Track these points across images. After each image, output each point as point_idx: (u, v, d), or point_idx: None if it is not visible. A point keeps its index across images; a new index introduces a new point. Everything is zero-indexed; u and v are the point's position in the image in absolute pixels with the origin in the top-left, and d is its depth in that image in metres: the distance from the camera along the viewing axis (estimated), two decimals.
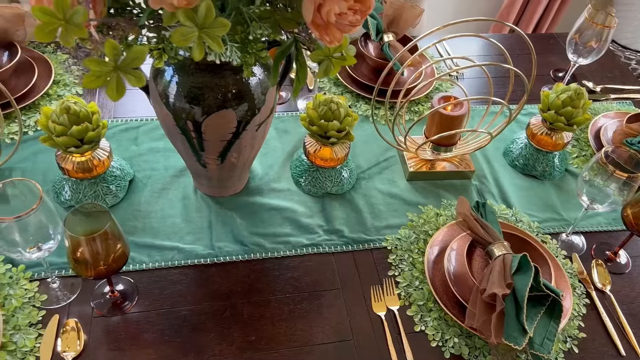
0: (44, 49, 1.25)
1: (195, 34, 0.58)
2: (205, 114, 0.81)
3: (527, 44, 0.93)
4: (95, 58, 0.53)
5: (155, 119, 1.15)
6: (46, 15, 0.49)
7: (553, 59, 1.49)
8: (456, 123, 1.02)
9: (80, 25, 0.50)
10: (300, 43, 0.72)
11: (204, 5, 0.57)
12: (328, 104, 0.95)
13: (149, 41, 0.68)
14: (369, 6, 0.66)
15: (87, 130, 0.87)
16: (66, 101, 0.86)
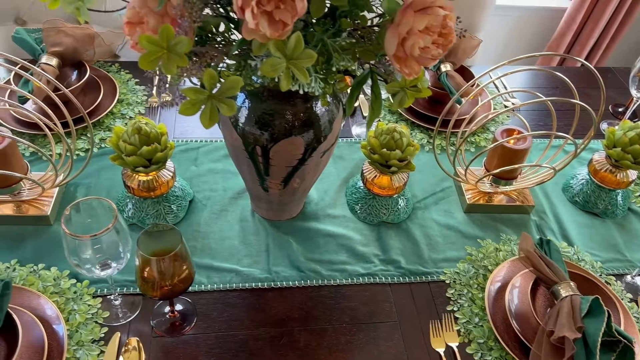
0: (109, 69, 1.29)
1: (283, 64, 0.59)
2: (274, 140, 0.81)
3: (597, 79, 0.91)
4: (193, 87, 0.54)
5: (214, 140, 1.17)
6: (151, 44, 0.51)
7: (611, 94, 1.46)
8: (519, 157, 1.00)
9: (181, 55, 0.51)
10: (375, 74, 0.72)
11: (294, 37, 0.58)
12: (391, 132, 0.95)
13: (228, 68, 0.70)
14: (450, 40, 0.66)
15: (156, 151, 0.89)
16: (138, 122, 0.88)
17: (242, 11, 0.54)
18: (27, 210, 0.96)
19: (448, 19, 0.63)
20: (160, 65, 0.52)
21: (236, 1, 0.54)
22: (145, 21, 0.60)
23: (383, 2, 0.66)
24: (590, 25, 2.14)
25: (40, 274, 0.88)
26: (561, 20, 2.17)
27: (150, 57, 0.51)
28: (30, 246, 0.92)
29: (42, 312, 0.81)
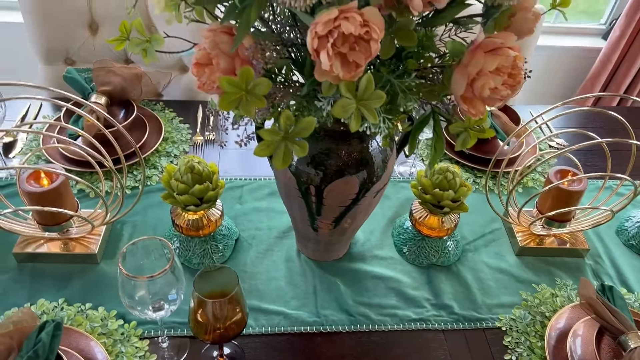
0: (154, 107, 1.31)
1: (354, 105, 0.58)
2: (329, 179, 0.80)
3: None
4: (269, 128, 0.53)
5: (258, 178, 1.16)
6: (231, 86, 0.50)
7: None
8: (575, 198, 0.97)
9: (260, 97, 0.51)
10: (438, 114, 0.71)
11: (365, 78, 0.57)
12: (444, 172, 0.93)
13: (288, 108, 0.69)
14: (519, 81, 0.64)
15: (207, 190, 0.88)
16: (191, 160, 0.88)
17: (317, 53, 0.54)
18: (74, 248, 0.95)
19: (517, 59, 0.62)
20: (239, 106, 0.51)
21: (311, 43, 0.53)
22: (216, 62, 0.60)
23: (448, 44, 0.65)
24: (626, 64, 2.12)
25: (88, 313, 0.86)
26: (596, 60, 2.16)
27: (230, 99, 0.51)
28: (77, 285, 0.91)
29: (91, 354, 0.79)
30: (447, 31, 0.74)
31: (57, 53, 1.37)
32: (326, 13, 0.52)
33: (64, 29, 1.34)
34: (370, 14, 0.53)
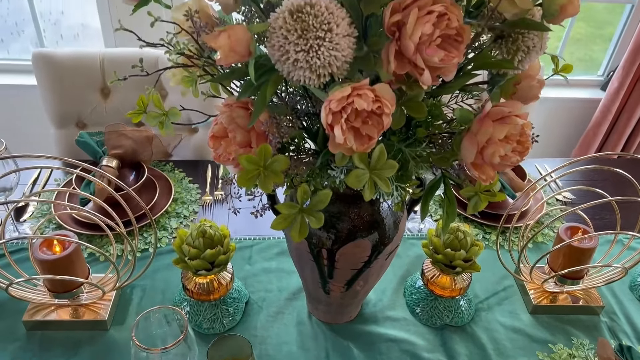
0: (163, 168, 1.33)
1: (367, 175, 0.59)
2: (341, 242, 0.80)
3: None
4: (287, 203, 0.54)
5: (267, 237, 1.16)
6: (250, 163, 0.52)
7: None
8: (587, 256, 0.97)
9: (278, 173, 0.52)
10: (448, 179, 0.72)
11: (378, 149, 0.58)
12: (455, 232, 0.93)
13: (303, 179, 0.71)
14: (527, 147, 0.66)
15: (219, 254, 0.88)
16: (202, 225, 0.89)
17: (331, 127, 0.56)
18: (84, 314, 0.95)
19: (525, 127, 0.64)
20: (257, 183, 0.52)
21: (325, 118, 0.55)
22: (232, 136, 0.61)
23: (456, 111, 0.67)
24: (626, 115, 2.16)
25: None
26: (596, 110, 2.20)
27: (248, 175, 0.52)
28: (87, 352, 0.90)
29: None
30: (454, 98, 0.76)
31: (70, 117, 1.41)
32: (339, 90, 0.54)
33: (77, 94, 1.38)
34: (382, 90, 0.55)
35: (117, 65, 1.36)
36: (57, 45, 2.18)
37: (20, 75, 2.00)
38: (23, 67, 2.01)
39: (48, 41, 2.08)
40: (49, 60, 1.32)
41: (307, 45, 0.53)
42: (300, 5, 0.53)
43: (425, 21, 0.54)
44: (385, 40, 0.57)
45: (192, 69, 0.63)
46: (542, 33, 0.64)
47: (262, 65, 0.58)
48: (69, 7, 2.08)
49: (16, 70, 2.01)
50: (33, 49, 1.85)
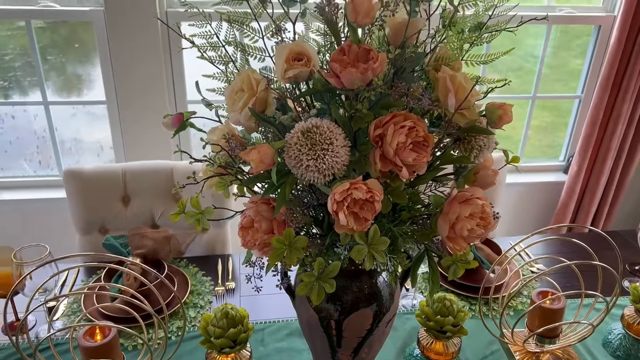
0: (179, 264, 1.48)
1: (366, 249, 0.76)
2: (346, 313, 0.95)
3: (610, 242, 1.08)
4: (308, 272, 0.70)
5: (277, 321, 1.29)
6: (279, 242, 0.69)
7: (624, 254, 1.61)
8: (558, 315, 1.12)
9: (299, 249, 0.69)
10: (430, 252, 0.89)
11: (373, 228, 0.76)
12: (442, 301, 1.08)
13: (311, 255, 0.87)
14: (489, 222, 0.84)
15: (240, 333, 1.01)
16: (225, 307, 1.03)
17: (336, 213, 0.73)
18: None
19: (485, 206, 0.82)
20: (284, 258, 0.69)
21: (331, 206, 0.73)
22: (258, 225, 0.79)
23: (431, 198, 0.86)
24: (589, 195, 2.39)
25: None
26: (562, 192, 2.43)
27: (277, 252, 0.69)
28: None
29: None
30: (428, 187, 0.95)
31: (94, 224, 1.57)
32: (341, 185, 0.73)
33: (101, 203, 1.56)
34: (372, 184, 0.74)
35: (136, 176, 1.56)
36: (50, 159, 2.40)
37: (45, 190, 2.19)
38: (49, 183, 2.21)
39: (42, 156, 2.31)
40: (78, 175, 1.51)
41: (315, 155, 0.72)
42: (308, 127, 0.73)
43: (400, 133, 0.74)
44: (371, 148, 0.77)
45: (226, 177, 0.82)
46: (489, 135, 0.84)
47: (281, 171, 0.77)
48: (61, 125, 2.31)
49: (42, 185, 2.21)
50: (27, 166, 2.07)
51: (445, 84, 0.77)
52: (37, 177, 2.26)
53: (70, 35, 2.21)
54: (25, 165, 2.33)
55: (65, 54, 2.25)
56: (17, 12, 1.95)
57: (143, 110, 2.08)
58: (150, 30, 1.96)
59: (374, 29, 0.80)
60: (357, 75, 0.74)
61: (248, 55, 0.86)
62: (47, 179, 2.24)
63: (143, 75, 2.02)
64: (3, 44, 2.06)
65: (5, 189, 2.20)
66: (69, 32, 2.14)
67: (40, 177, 2.26)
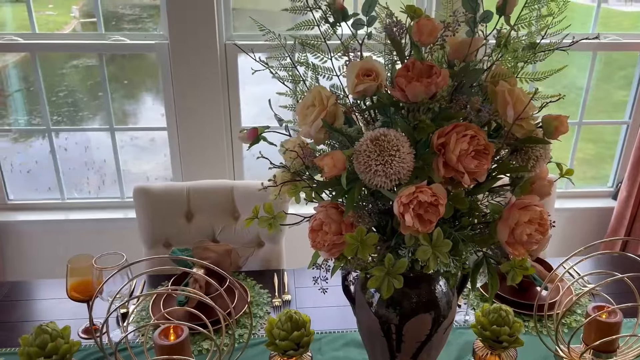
0: (237, 277, 1.55)
1: (430, 250, 0.81)
2: (406, 318, 0.99)
3: None
4: (378, 267, 0.76)
5: (332, 331, 1.34)
6: (352, 238, 0.75)
7: None
8: (614, 329, 1.12)
9: (370, 246, 0.75)
10: (489, 258, 0.93)
11: (436, 231, 0.81)
12: (498, 311, 1.11)
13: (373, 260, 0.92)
14: (547, 228, 0.88)
15: (303, 336, 1.07)
16: (289, 311, 1.09)
17: (402, 215, 0.79)
18: None
19: (543, 213, 0.87)
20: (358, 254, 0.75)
21: (398, 208, 0.79)
22: (328, 228, 0.85)
23: (489, 206, 0.90)
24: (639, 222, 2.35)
25: None
26: (612, 218, 2.40)
27: (351, 248, 0.75)
28: None
29: None
30: (485, 197, 1.00)
31: (159, 238, 1.67)
32: (407, 189, 0.79)
33: (166, 219, 1.66)
34: (436, 188, 0.80)
35: (199, 194, 1.67)
36: (99, 188, 2.56)
37: (114, 210, 2.34)
38: (117, 204, 2.36)
39: (90, 186, 2.48)
40: (147, 192, 1.62)
41: (383, 160, 0.79)
42: (377, 135, 0.80)
43: (462, 141, 0.80)
44: (433, 156, 0.83)
45: (298, 183, 0.89)
46: (546, 145, 0.89)
47: (349, 177, 0.83)
48: (110, 157, 2.49)
49: (112, 206, 2.35)
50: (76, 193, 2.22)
51: (504, 96, 0.83)
52: (100, 199, 2.41)
53: (118, 72, 2.38)
54: (74, 193, 2.50)
55: (114, 89, 2.44)
56: (91, 46, 2.13)
57: (200, 136, 2.20)
58: (210, 61, 2.09)
59: (435, 47, 0.87)
60: (421, 89, 0.81)
61: (318, 74, 0.95)
62: (109, 200, 2.39)
63: (202, 103, 2.15)
64: (58, 82, 2.24)
65: (73, 210, 2.35)
66: (116, 70, 2.30)
67: (103, 199, 2.40)
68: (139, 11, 2.51)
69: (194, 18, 2.03)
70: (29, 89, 2.48)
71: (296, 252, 1.93)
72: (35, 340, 1.03)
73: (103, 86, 2.20)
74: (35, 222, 2.29)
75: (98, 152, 2.63)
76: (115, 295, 1.12)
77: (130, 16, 2.45)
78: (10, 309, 1.43)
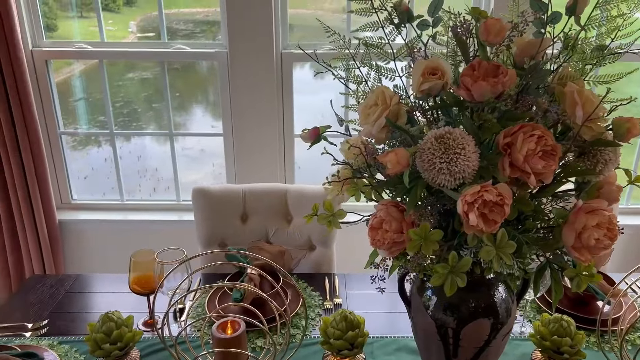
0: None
1: (494, 251, 0.80)
2: (464, 322, 0.98)
3: None
4: (442, 264, 0.76)
5: (385, 336, 1.33)
6: (416, 235, 0.75)
7: None
8: None
9: (433, 242, 0.75)
10: (553, 264, 0.91)
11: (501, 232, 0.80)
12: (559, 321, 1.07)
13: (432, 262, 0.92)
14: (615, 234, 0.85)
15: (358, 337, 1.07)
16: (344, 311, 1.09)
17: (466, 214, 0.79)
18: None
19: (612, 217, 0.84)
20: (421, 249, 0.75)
21: (462, 207, 0.78)
22: (388, 226, 0.86)
23: (554, 210, 0.89)
24: None
25: None
26: None
27: (414, 244, 0.75)
28: None
29: None
30: (549, 202, 0.98)
31: (215, 238, 1.72)
32: (472, 188, 0.78)
33: (223, 220, 1.71)
34: (502, 188, 0.79)
35: (255, 196, 1.71)
36: (150, 195, 2.66)
37: (172, 212, 2.44)
38: (175, 205, 2.45)
39: (143, 193, 2.57)
40: (205, 194, 1.68)
41: (448, 158, 0.79)
42: (442, 134, 0.80)
43: (529, 141, 0.79)
44: (498, 156, 0.82)
45: (358, 181, 0.90)
46: (615, 148, 0.86)
47: (412, 174, 0.84)
48: (161, 165, 2.56)
49: (174, 208, 2.45)
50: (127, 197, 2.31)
51: (572, 97, 0.82)
52: (157, 201, 2.50)
53: (170, 84, 2.47)
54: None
55: (163, 100, 2.54)
56: (156, 54, 2.22)
57: (255, 142, 2.26)
58: (267, 69, 2.15)
59: (501, 48, 0.87)
60: (487, 88, 0.80)
61: (381, 75, 0.96)
62: (165, 202, 2.47)
63: (257, 109, 2.21)
64: (114, 93, 2.34)
65: (131, 210, 2.45)
66: (169, 82, 2.39)
67: (159, 201, 2.49)
68: (192, 26, 2.62)
69: (253, 28, 2.09)
70: (87, 99, 2.62)
71: (346, 257, 1.94)
72: (102, 327, 1.08)
73: (164, 93, 2.29)
74: (96, 221, 2.40)
75: (151, 161, 2.75)
76: (175, 289, 1.16)
77: (184, 31, 2.56)
78: (72, 300, 1.50)
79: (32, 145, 2.16)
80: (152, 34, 2.58)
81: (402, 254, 0.91)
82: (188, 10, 2.62)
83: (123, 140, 2.37)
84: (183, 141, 2.41)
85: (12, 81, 2.05)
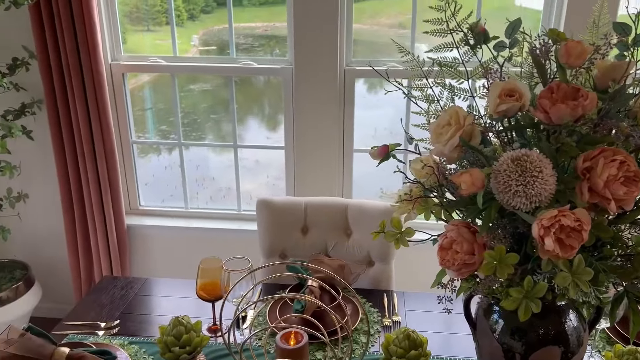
0: (348, 293, 1.58)
1: (570, 278, 0.78)
2: (533, 348, 0.95)
3: None
4: (516, 288, 0.75)
5: (445, 357, 1.31)
6: (490, 257, 0.75)
7: None
8: None
9: (509, 265, 0.74)
10: (631, 293, 0.87)
11: (577, 258, 0.78)
12: (634, 353, 1.03)
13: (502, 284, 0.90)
14: None
15: (420, 356, 1.06)
16: (407, 329, 1.09)
17: (541, 238, 0.77)
18: None
19: None
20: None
21: (537, 231, 0.77)
22: (459, 247, 0.85)
23: (633, 237, 0.86)
24: None
25: None
26: None
27: (489, 266, 0.75)
28: None
29: None
30: (627, 229, 0.95)
31: (276, 249, 1.76)
32: (549, 212, 0.77)
33: (285, 232, 1.75)
34: (580, 213, 0.77)
35: (315, 210, 1.73)
36: (207, 203, 2.73)
37: (235, 221, 2.52)
38: (238, 215, 2.52)
39: (200, 201, 2.65)
40: (269, 205, 1.72)
41: (525, 181, 0.78)
42: (518, 156, 0.80)
43: (610, 166, 0.77)
44: (576, 180, 0.81)
45: (428, 200, 0.91)
46: None
47: (485, 196, 0.83)
48: (218, 175, 2.63)
49: (237, 218, 2.53)
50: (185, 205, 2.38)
51: None
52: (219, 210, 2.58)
53: (225, 100, 2.55)
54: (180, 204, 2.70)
55: (225, 113, 2.63)
56: (224, 69, 2.31)
57: (315, 156, 2.29)
58: (330, 85, 2.19)
59: (580, 70, 0.85)
60: (567, 111, 0.79)
61: (454, 95, 0.96)
62: (227, 212, 2.55)
63: (319, 124, 2.25)
64: (175, 105, 2.43)
65: (194, 218, 2.54)
66: (228, 95, 2.46)
67: (221, 210, 2.57)
68: (251, 40, 2.70)
69: (319, 44, 2.14)
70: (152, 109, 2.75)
71: (404, 274, 1.92)
72: (172, 331, 1.13)
73: (230, 106, 2.37)
74: (161, 227, 2.50)
75: (208, 170, 2.84)
76: (242, 297, 1.19)
77: (243, 45, 2.64)
78: (141, 303, 1.57)
79: (107, 153, 2.29)
80: (214, 47, 2.68)
81: (471, 275, 0.90)
82: (247, 24, 2.70)
83: (183, 149, 2.47)
84: (240, 152, 2.48)
85: (92, 93, 2.19)
